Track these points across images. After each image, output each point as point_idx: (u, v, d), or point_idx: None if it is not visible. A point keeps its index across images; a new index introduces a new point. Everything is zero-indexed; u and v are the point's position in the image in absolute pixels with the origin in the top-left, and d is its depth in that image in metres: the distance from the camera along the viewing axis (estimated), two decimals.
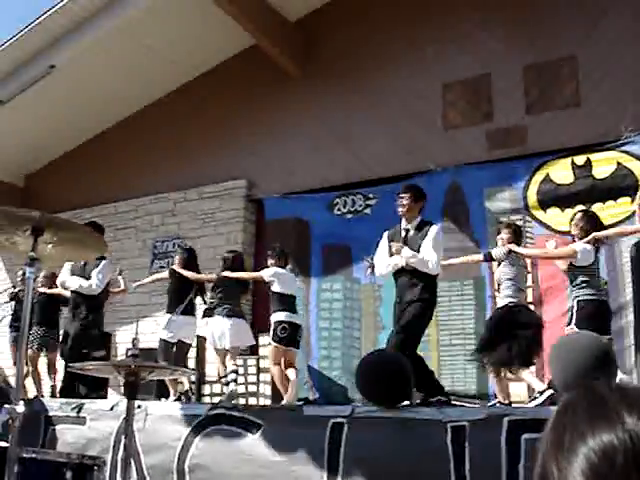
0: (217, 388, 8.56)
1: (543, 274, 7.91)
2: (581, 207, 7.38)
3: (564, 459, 0.84)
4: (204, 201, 10.39)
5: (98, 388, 7.46)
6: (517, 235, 6.41)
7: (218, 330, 7.46)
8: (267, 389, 8.40)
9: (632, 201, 7.51)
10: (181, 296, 7.76)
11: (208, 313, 7.84)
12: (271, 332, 7.38)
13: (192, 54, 10.36)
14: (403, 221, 5.89)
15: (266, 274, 7.48)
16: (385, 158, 9.03)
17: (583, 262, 5.76)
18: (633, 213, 7.43)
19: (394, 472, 3.92)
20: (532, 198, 8.21)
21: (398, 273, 5.77)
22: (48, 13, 9.10)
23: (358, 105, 9.47)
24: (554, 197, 8.07)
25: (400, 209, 5.84)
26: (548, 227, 8.07)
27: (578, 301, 5.69)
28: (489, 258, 6.53)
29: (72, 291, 7.58)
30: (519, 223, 7.57)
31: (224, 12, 9.09)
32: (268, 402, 8.26)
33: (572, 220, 6.27)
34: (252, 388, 8.70)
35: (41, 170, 12.46)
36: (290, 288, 7.53)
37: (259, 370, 8.61)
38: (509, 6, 8.67)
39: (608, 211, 7.55)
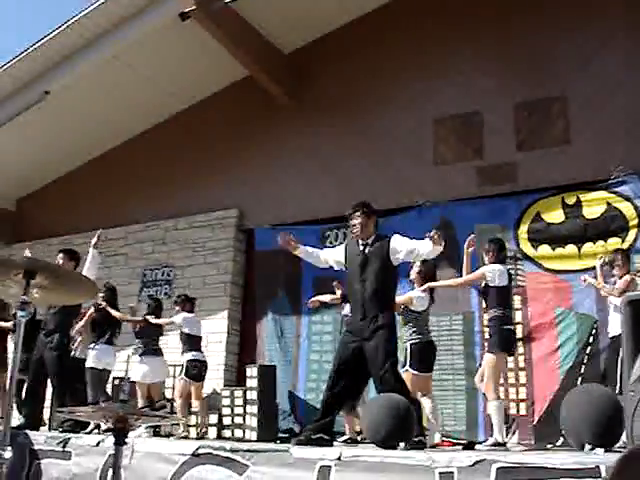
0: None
1: (533, 311, 7.94)
2: (572, 246, 7.53)
3: None
4: (195, 230, 10.39)
5: None
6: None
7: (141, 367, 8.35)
8: (253, 421, 8.36)
9: (622, 241, 7.57)
10: (102, 329, 8.01)
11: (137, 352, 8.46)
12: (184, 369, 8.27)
13: (185, 84, 10.43)
14: (358, 242, 5.32)
15: (177, 319, 8.44)
16: (375, 192, 9.00)
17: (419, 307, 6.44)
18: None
19: None
20: (523, 236, 8.25)
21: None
22: (45, 39, 9.16)
23: (349, 138, 9.53)
24: (545, 235, 8.13)
25: (354, 230, 5.29)
26: (539, 265, 8.10)
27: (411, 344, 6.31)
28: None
29: None
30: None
31: (218, 43, 9.16)
32: (254, 433, 8.22)
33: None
34: (238, 420, 8.66)
35: (33, 194, 12.45)
36: (197, 330, 8.52)
37: (245, 402, 8.57)
38: (499, 44, 8.77)
39: (598, 251, 7.58)
